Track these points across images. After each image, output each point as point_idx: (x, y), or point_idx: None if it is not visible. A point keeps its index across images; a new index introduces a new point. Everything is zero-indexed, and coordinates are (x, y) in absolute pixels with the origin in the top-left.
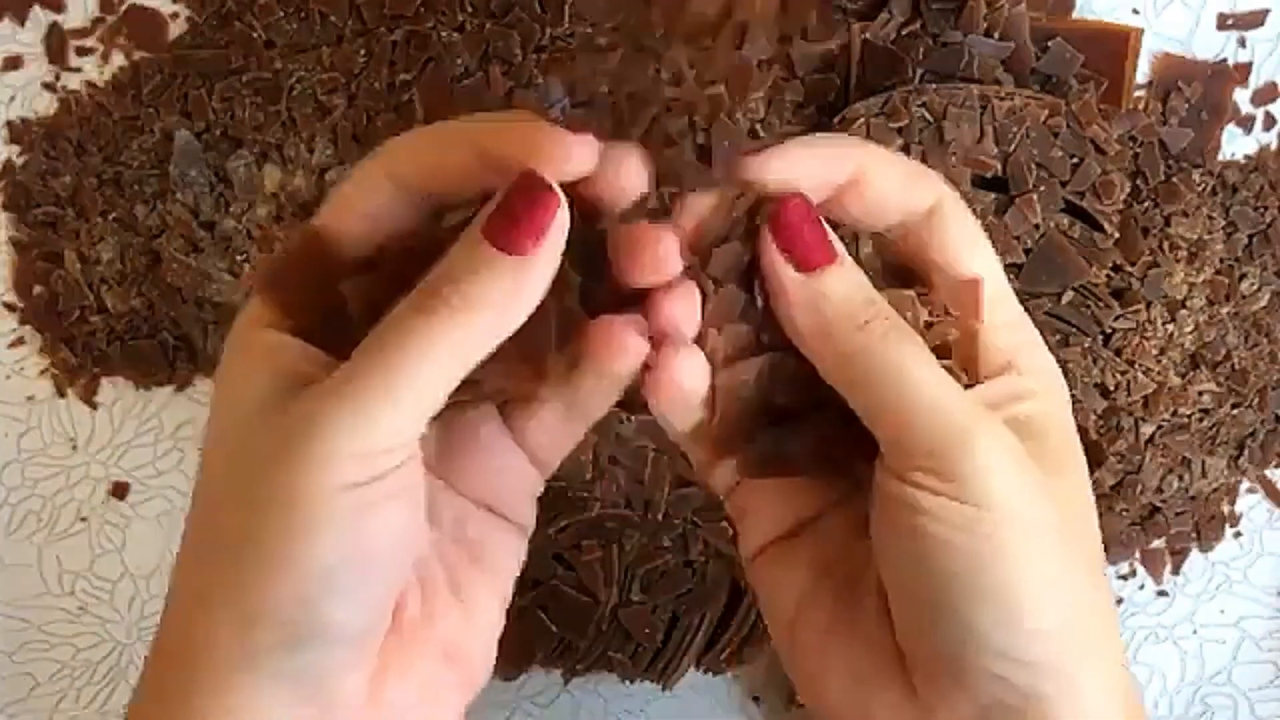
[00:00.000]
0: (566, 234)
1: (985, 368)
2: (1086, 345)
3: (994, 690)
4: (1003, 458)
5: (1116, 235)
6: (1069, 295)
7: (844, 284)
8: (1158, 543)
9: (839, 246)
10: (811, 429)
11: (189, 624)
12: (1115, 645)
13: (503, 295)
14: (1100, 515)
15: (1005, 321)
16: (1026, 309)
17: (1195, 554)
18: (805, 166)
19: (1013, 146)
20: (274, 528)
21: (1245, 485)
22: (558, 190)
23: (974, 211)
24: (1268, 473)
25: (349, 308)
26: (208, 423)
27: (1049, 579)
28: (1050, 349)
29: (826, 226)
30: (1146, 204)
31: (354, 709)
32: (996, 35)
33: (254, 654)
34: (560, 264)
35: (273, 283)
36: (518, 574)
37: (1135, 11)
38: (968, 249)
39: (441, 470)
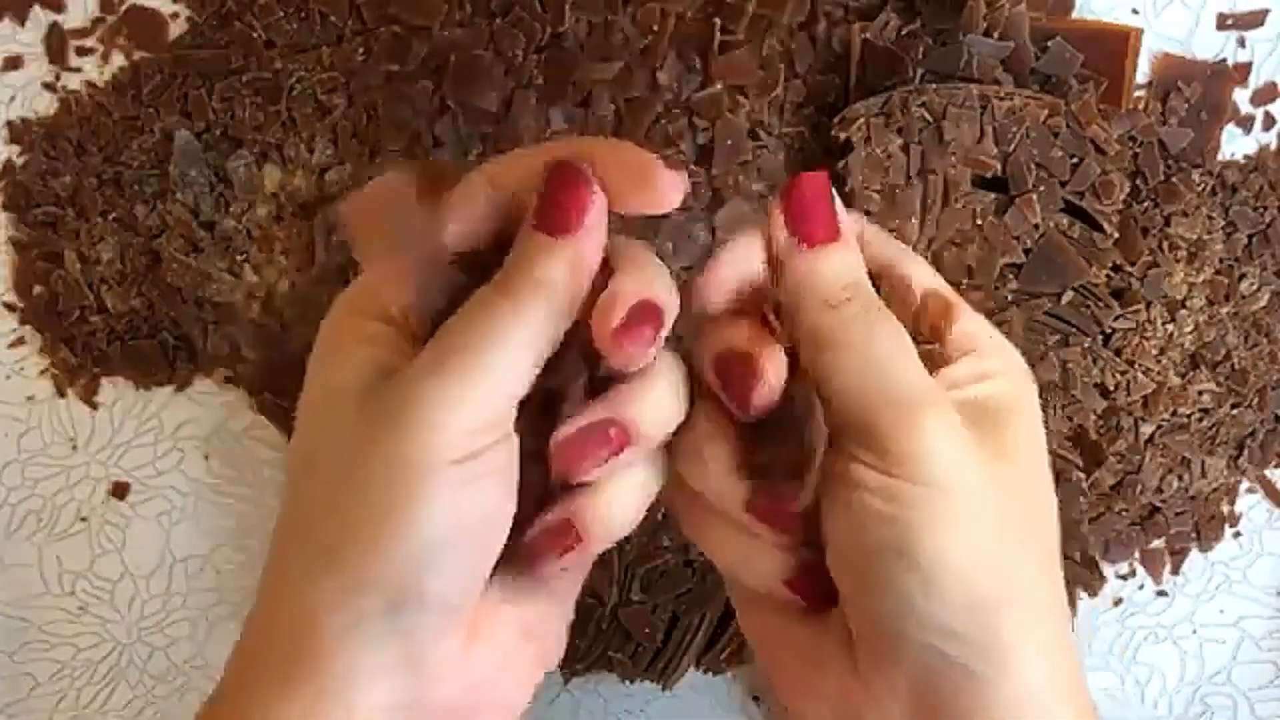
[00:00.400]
0: (607, 215)
1: (950, 352)
2: (1086, 345)
3: (930, 663)
4: (946, 438)
5: (1116, 235)
6: (1069, 295)
7: (835, 264)
8: (1158, 543)
9: (845, 227)
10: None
11: (293, 595)
12: (1059, 626)
13: (563, 272)
14: (1100, 515)
15: (965, 311)
16: (1027, 309)
17: (1195, 554)
18: (729, 278)
19: (1013, 146)
20: (383, 499)
21: (1245, 485)
22: (589, 174)
23: (974, 212)
24: (1267, 473)
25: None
26: (299, 408)
27: (981, 553)
28: (1050, 349)
29: (836, 206)
30: (1146, 204)
31: (446, 673)
32: (996, 35)
33: (359, 620)
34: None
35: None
36: (589, 565)
37: (1135, 11)
38: (899, 258)
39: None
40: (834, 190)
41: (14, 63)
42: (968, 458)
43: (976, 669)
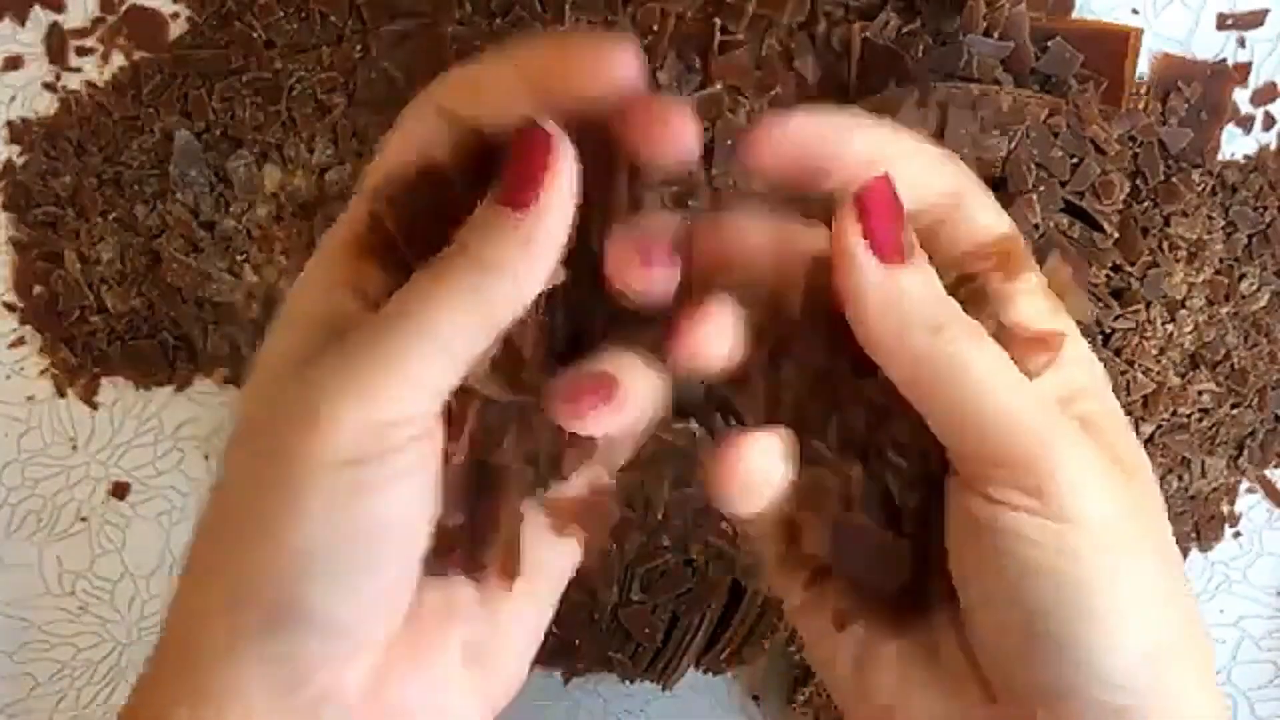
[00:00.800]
0: (576, 183)
1: (1030, 360)
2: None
3: (1101, 710)
4: (1088, 470)
5: (1116, 235)
6: None
7: (922, 282)
8: None
9: (914, 244)
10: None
11: (184, 598)
12: (1207, 649)
13: (512, 252)
14: None
15: (1041, 309)
16: None
17: (1195, 554)
18: (814, 143)
19: (1013, 146)
20: (265, 500)
21: (1245, 485)
22: (556, 134)
23: None
24: (1267, 473)
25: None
26: (246, 380)
27: (1151, 597)
28: None
29: (906, 222)
30: (1146, 204)
31: (347, 706)
32: (996, 35)
33: (239, 635)
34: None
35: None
36: (563, 583)
37: (1135, 11)
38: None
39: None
40: None
41: (14, 63)
42: (1113, 488)
43: (1145, 713)
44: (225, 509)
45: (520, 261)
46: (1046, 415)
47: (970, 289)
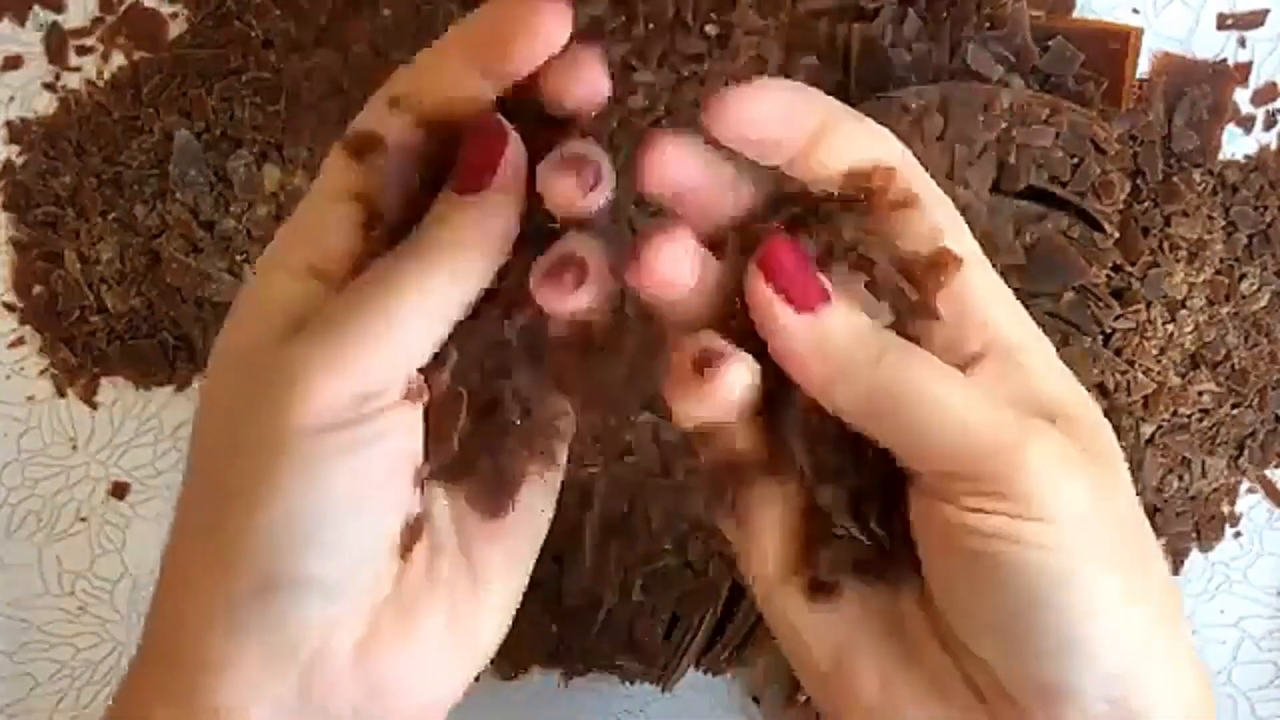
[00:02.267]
0: (523, 168)
1: (966, 348)
2: (1086, 345)
3: (1093, 710)
4: (1052, 469)
5: (1116, 235)
6: (1069, 295)
7: (846, 318)
8: (1158, 543)
9: (825, 290)
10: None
11: (172, 572)
12: (1177, 610)
13: (469, 234)
14: None
15: (984, 294)
16: (1027, 309)
17: (1195, 554)
18: (772, 111)
19: (1013, 146)
20: (252, 466)
21: (1245, 485)
22: (505, 127)
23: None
24: (1268, 473)
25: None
26: (210, 364)
27: (1132, 584)
28: None
29: (814, 269)
30: (1146, 204)
31: (337, 670)
32: (997, 34)
33: (233, 604)
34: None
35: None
36: (538, 544)
37: (1135, 11)
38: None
39: None
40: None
41: (14, 62)
42: (1082, 479)
43: (1132, 704)
44: (207, 483)
45: (475, 237)
46: (1002, 423)
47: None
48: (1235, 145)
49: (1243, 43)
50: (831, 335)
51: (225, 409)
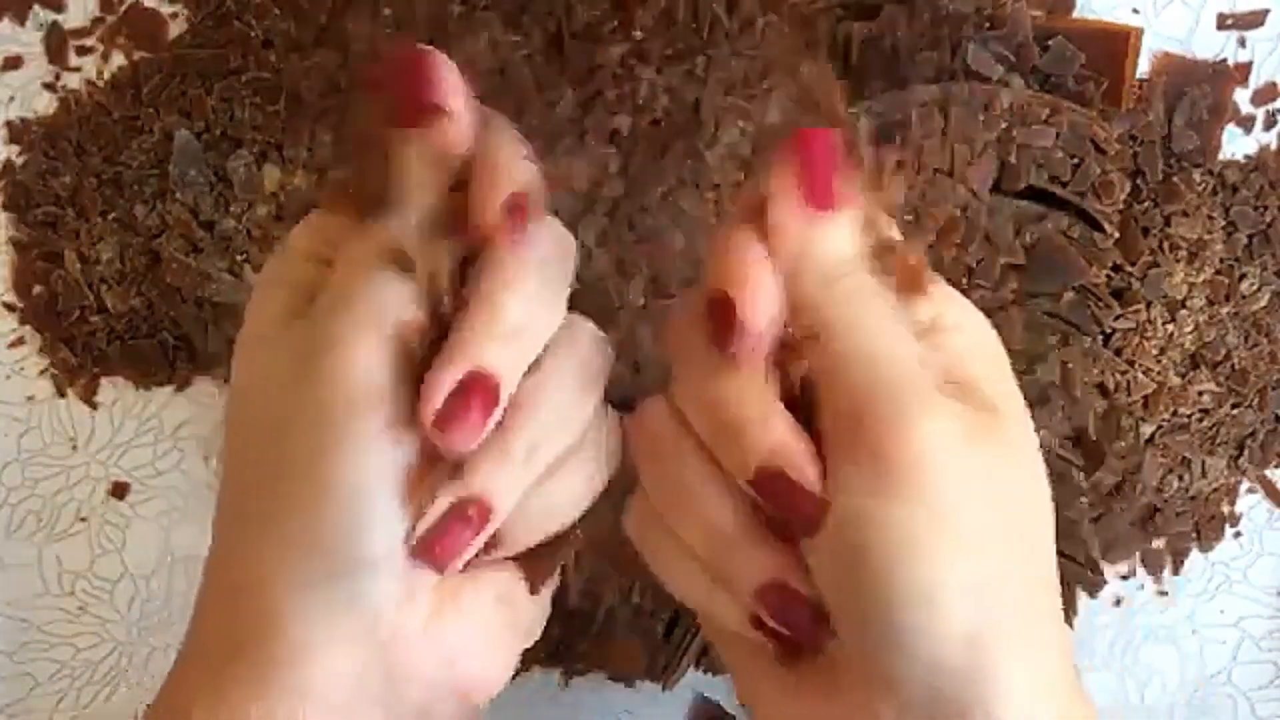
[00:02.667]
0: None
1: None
2: (1086, 345)
3: (922, 701)
4: (942, 445)
5: (1116, 235)
6: (1069, 295)
7: (835, 235)
8: (1158, 543)
9: (851, 199)
10: None
11: (237, 562)
12: (1062, 660)
13: (421, 169)
14: (1100, 515)
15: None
16: (1027, 309)
17: (1195, 554)
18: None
19: (1013, 146)
20: (299, 450)
21: (1245, 485)
22: (428, 50)
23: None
24: (1268, 473)
25: None
26: (235, 350)
27: (983, 577)
28: (1050, 349)
29: (847, 180)
30: (1146, 204)
31: (415, 644)
32: (997, 34)
33: (306, 584)
34: None
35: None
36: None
37: (1135, 11)
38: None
39: None
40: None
41: (14, 62)
42: (966, 466)
43: (970, 701)
44: (257, 468)
45: (433, 170)
46: (910, 384)
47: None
48: (1235, 145)
49: (1243, 43)
50: (813, 242)
51: (262, 385)
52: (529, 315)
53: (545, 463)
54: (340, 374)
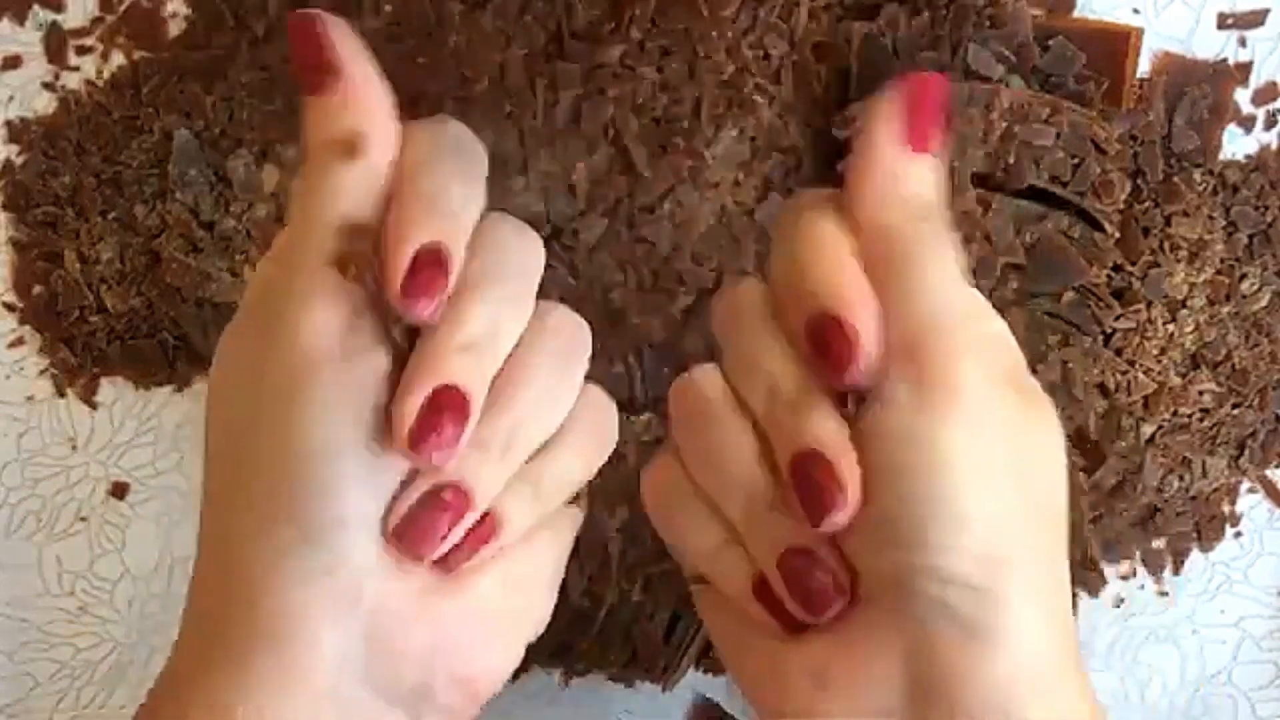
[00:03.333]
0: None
1: None
2: (1087, 345)
3: (933, 621)
4: (986, 383)
5: (1117, 235)
6: (1069, 295)
7: (927, 178)
8: (1158, 543)
9: (942, 144)
10: None
11: (212, 540)
12: (1063, 598)
13: (341, 131)
14: (1101, 515)
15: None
16: (1027, 309)
17: (1196, 554)
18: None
19: (1013, 145)
20: (262, 414)
21: (1246, 485)
22: (318, 14)
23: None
24: (1268, 473)
25: None
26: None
27: (1004, 507)
28: (1051, 349)
29: (941, 121)
30: (1147, 204)
31: (402, 617)
32: (998, 33)
33: (280, 555)
34: None
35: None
36: (580, 520)
37: (1136, 11)
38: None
39: None
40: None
41: (13, 62)
42: (1005, 410)
43: (980, 627)
44: (225, 440)
45: (352, 130)
46: (964, 332)
47: None
48: (1235, 145)
49: (1243, 42)
50: (918, 180)
51: (242, 353)
52: (493, 321)
53: (528, 449)
54: (292, 333)
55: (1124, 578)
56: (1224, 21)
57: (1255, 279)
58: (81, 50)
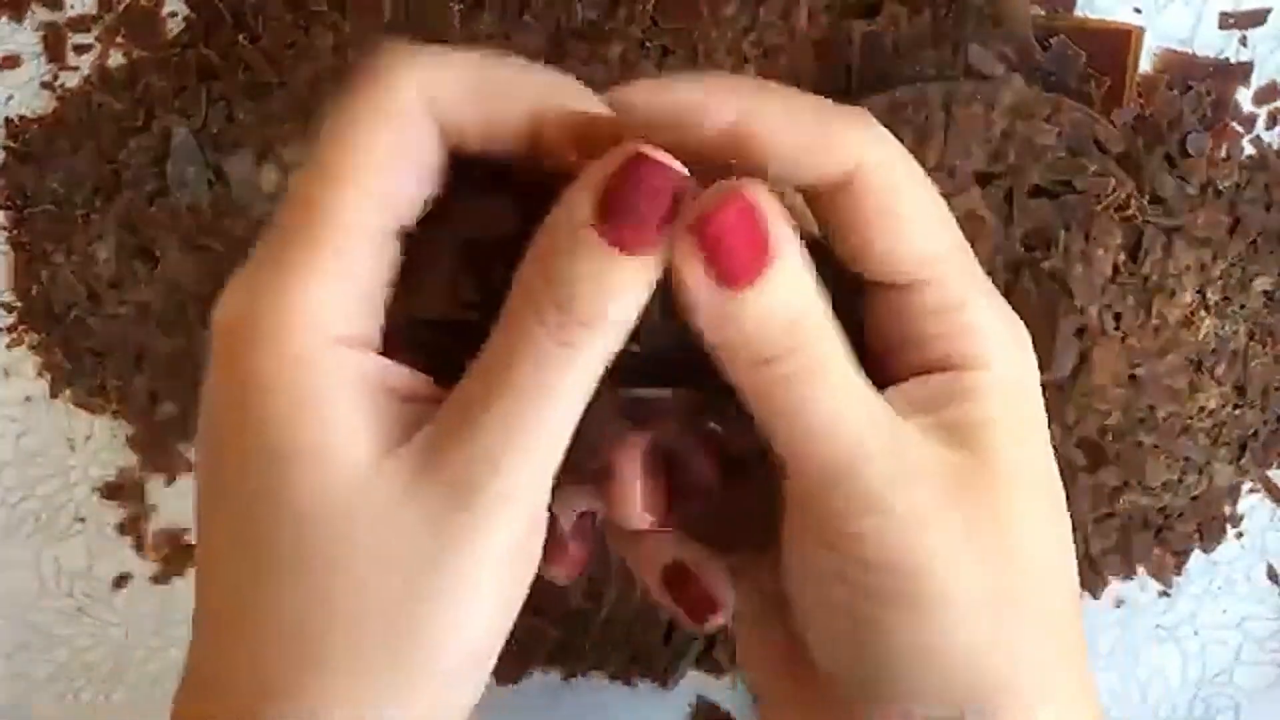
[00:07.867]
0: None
1: (916, 360)
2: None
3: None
4: (930, 523)
5: (1117, 234)
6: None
7: (765, 307)
8: (1159, 543)
9: (784, 245)
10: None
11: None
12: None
13: (634, 303)
14: (1102, 516)
15: (941, 307)
16: (1029, 304)
17: (1197, 554)
18: (661, 108)
19: (1014, 144)
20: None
21: (1248, 486)
22: (671, 163)
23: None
24: (1270, 473)
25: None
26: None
27: (975, 645)
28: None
29: (774, 228)
30: (1148, 203)
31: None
32: (999, 32)
33: (239, 494)
34: None
35: None
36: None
37: (1137, 10)
38: (893, 226)
39: None
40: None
41: (11, 61)
42: (945, 538)
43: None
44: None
45: (636, 307)
46: (864, 427)
47: None
48: (1236, 145)
49: (1244, 42)
50: (738, 320)
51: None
52: None
53: None
54: (288, 335)
55: (1125, 578)
56: (1225, 21)
57: (1257, 279)
58: (80, 49)
